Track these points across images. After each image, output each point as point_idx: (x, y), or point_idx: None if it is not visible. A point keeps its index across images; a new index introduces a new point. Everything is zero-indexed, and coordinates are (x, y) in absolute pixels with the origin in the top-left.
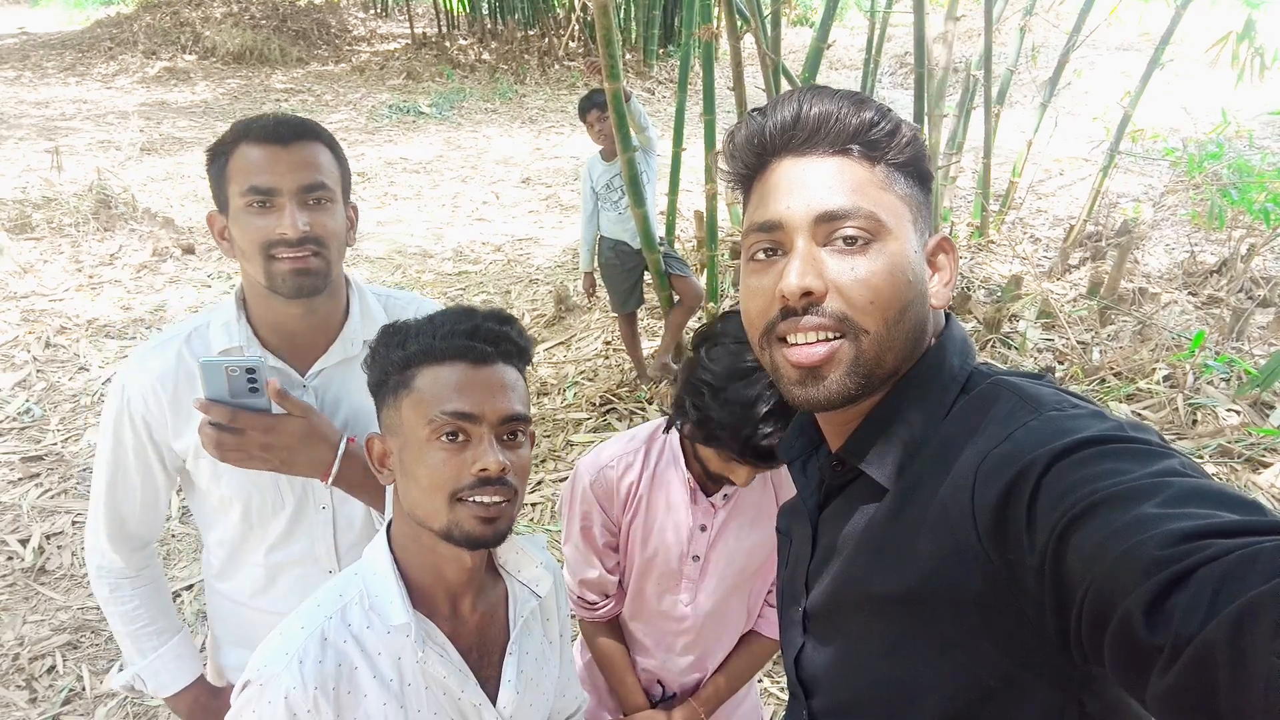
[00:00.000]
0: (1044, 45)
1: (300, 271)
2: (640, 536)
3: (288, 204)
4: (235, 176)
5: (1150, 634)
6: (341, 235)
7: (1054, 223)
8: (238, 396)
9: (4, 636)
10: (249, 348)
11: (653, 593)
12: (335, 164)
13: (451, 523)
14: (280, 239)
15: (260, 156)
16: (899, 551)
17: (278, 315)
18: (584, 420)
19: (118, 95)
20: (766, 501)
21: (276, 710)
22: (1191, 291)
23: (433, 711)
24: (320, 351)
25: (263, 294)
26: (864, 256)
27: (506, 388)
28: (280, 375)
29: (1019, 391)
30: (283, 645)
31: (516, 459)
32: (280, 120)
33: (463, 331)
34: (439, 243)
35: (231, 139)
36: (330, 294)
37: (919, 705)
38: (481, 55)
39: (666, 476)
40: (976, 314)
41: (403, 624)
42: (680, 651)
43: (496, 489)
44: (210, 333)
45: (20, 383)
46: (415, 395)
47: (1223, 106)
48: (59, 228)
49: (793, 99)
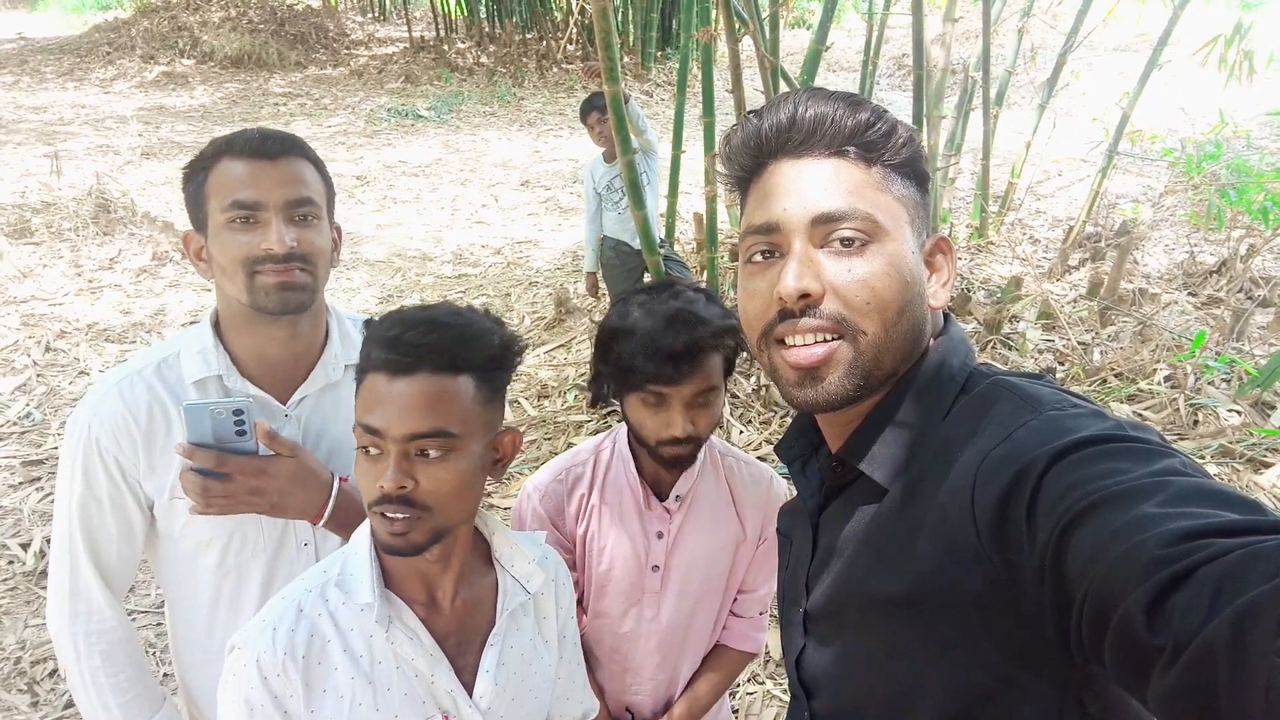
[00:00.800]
0: (1042, 46)
1: (286, 285)
2: (595, 549)
3: (274, 219)
4: (216, 192)
5: (1151, 634)
6: (328, 253)
7: (1053, 224)
8: (223, 440)
9: (5, 640)
10: (228, 377)
11: (615, 610)
12: (320, 181)
13: (374, 531)
14: (265, 255)
15: (244, 171)
16: (899, 552)
17: (259, 340)
18: (585, 423)
19: (116, 100)
20: (723, 505)
21: (250, 672)
22: (1191, 292)
23: (403, 692)
24: (301, 379)
25: (243, 317)
26: (861, 258)
27: (422, 401)
28: (261, 406)
29: (1019, 391)
30: (264, 614)
31: (429, 476)
32: (265, 134)
33: (385, 340)
34: (438, 246)
35: (212, 154)
36: (313, 316)
37: (920, 706)
38: (480, 58)
39: (618, 483)
40: (976, 315)
41: (368, 603)
42: (649, 673)
43: (396, 506)
44: (182, 362)
45: (20, 387)
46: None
47: (1220, 107)
48: (58, 232)
49: (789, 101)
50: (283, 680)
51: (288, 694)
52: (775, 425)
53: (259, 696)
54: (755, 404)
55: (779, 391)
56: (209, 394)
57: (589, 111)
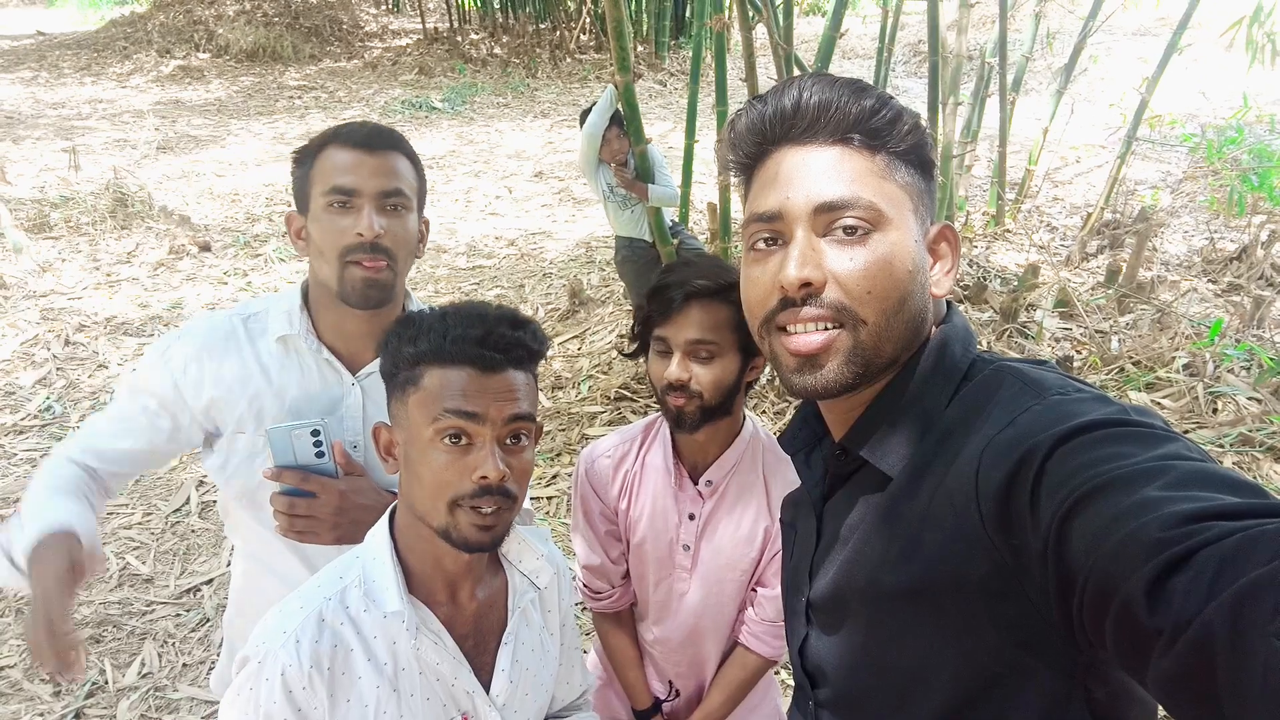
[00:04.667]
0: (1059, 31)
1: (371, 283)
2: (632, 521)
3: (366, 206)
4: (320, 177)
5: (1151, 616)
6: (412, 244)
7: (1071, 211)
8: (305, 461)
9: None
10: (306, 338)
11: (650, 580)
12: (415, 176)
13: (450, 525)
14: (358, 242)
15: (346, 159)
16: (904, 540)
17: (340, 317)
18: (599, 414)
19: (133, 94)
20: (757, 497)
21: (274, 686)
22: (1211, 279)
23: (425, 696)
24: (374, 355)
25: (329, 295)
26: (863, 247)
27: (513, 391)
28: (332, 370)
29: (1022, 377)
30: (281, 624)
31: (518, 463)
32: (371, 129)
33: (474, 338)
34: (452, 238)
35: (320, 142)
36: (392, 305)
37: (924, 693)
38: (493, 50)
39: (654, 463)
40: (993, 303)
41: (396, 611)
42: (678, 644)
43: (495, 498)
44: (270, 318)
45: (41, 380)
46: (422, 393)
47: (1244, 91)
48: (77, 226)
49: (793, 87)
50: (308, 693)
51: (312, 706)
52: (789, 415)
53: (280, 710)
54: (770, 394)
55: (779, 378)
56: (289, 351)
57: (606, 126)
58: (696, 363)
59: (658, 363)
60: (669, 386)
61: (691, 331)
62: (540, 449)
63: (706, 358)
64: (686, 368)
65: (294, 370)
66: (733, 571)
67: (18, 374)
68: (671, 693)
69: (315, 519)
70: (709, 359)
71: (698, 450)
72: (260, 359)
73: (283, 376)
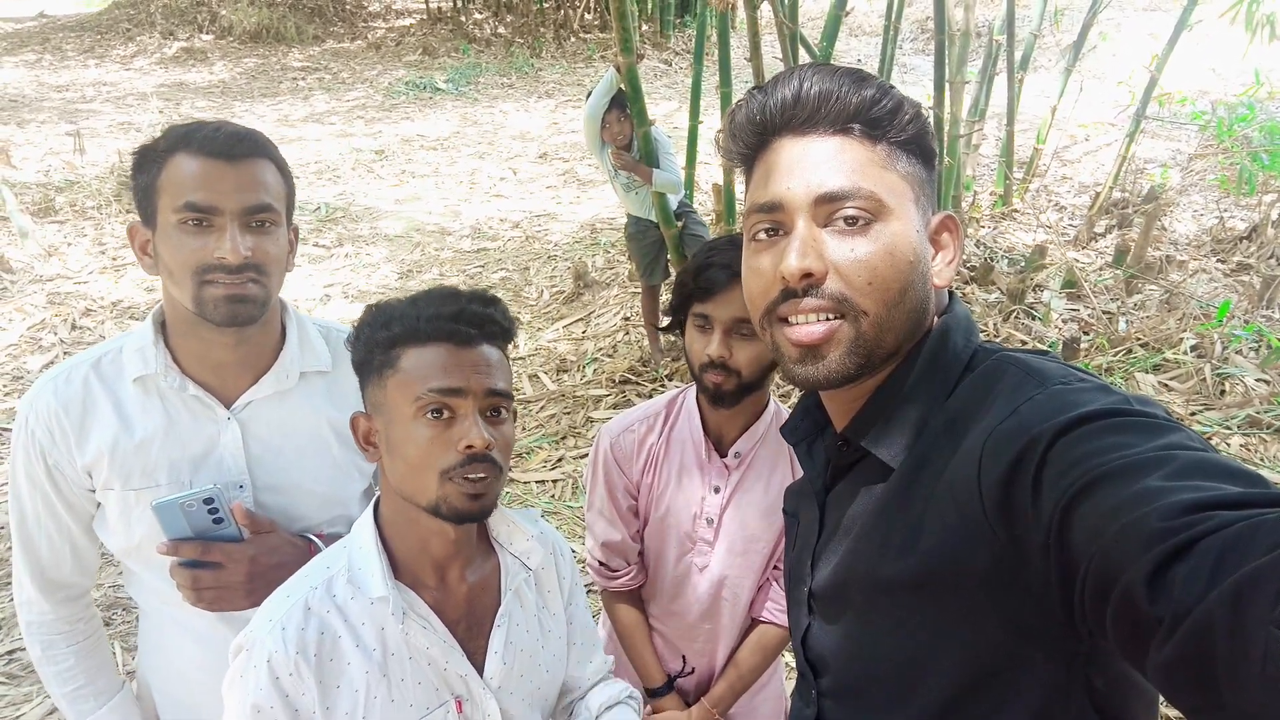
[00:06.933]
0: (1068, 8)
1: (235, 299)
2: (655, 494)
3: (229, 225)
4: (168, 188)
5: (1151, 605)
6: (283, 261)
7: (1079, 190)
8: (203, 532)
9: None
10: (166, 375)
11: (670, 555)
12: (282, 183)
13: (440, 498)
14: (218, 263)
15: (200, 170)
16: (905, 531)
17: (203, 343)
18: (604, 397)
19: (137, 77)
20: (782, 471)
21: (261, 673)
22: (1220, 259)
23: (416, 681)
24: (249, 382)
25: (188, 321)
26: (864, 237)
27: (490, 365)
28: (202, 406)
29: (1024, 367)
30: (269, 613)
31: (500, 435)
32: (228, 132)
33: (448, 314)
34: (456, 220)
35: (166, 146)
36: (264, 322)
37: (926, 683)
38: (497, 29)
39: (682, 435)
40: (1000, 284)
41: (382, 596)
42: (694, 621)
43: (483, 466)
44: (124, 358)
45: (48, 365)
46: (400, 375)
47: (1256, 67)
48: (82, 210)
49: (793, 77)
50: (295, 679)
51: (299, 693)
52: (795, 396)
53: (267, 699)
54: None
55: (781, 369)
56: (150, 392)
57: (608, 109)
58: (737, 340)
59: (697, 339)
60: (709, 363)
61: (735, 310)
62: (545, 432)
63: (747, 334)
64: (727, 345)
65: (157, 413)
66: (756, 544)
67: (25, 358)
68: (686, 667)
69: (226, 589)
70: (749, 336)
71: (726, 423)
72: (119, 405)
73: (146, 422)
